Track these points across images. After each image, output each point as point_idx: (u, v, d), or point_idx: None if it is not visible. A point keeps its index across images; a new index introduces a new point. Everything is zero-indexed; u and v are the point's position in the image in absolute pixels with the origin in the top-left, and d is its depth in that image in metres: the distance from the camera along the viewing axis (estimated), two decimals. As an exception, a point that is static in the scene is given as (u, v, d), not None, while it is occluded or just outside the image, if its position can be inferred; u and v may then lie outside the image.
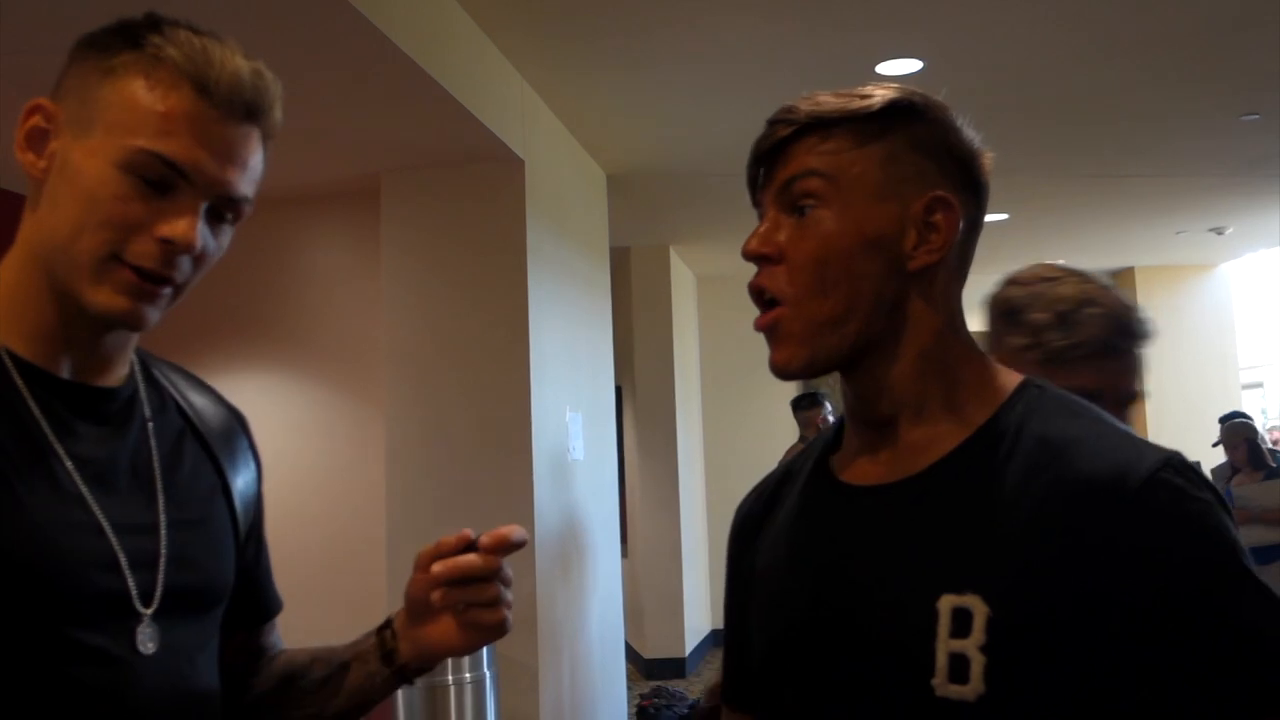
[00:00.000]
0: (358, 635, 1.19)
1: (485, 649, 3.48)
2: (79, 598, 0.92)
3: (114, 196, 0.93)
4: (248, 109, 0.97)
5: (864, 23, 3.83)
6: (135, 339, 1.05)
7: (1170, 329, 9.14)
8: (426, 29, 3.33)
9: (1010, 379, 0.98)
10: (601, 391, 5.41)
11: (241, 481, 1.14)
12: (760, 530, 1.09)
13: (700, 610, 8.06)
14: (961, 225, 0.96)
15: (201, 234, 0.96)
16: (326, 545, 4.49)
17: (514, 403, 4.16)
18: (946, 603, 0.86)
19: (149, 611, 0.97)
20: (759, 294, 0.97)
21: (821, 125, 0.95)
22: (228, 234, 1.01)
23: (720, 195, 6.24)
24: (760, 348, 0.98)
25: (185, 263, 0.96)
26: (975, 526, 0.89)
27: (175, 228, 0.94)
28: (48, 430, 0.95)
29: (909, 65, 4.09)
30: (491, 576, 1.02)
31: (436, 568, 1.02)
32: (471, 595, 1.02)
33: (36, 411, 0.95)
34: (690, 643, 7.50)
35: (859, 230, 0.94)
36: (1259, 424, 8.24)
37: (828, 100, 0.96)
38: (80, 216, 0.94)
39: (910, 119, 0.96)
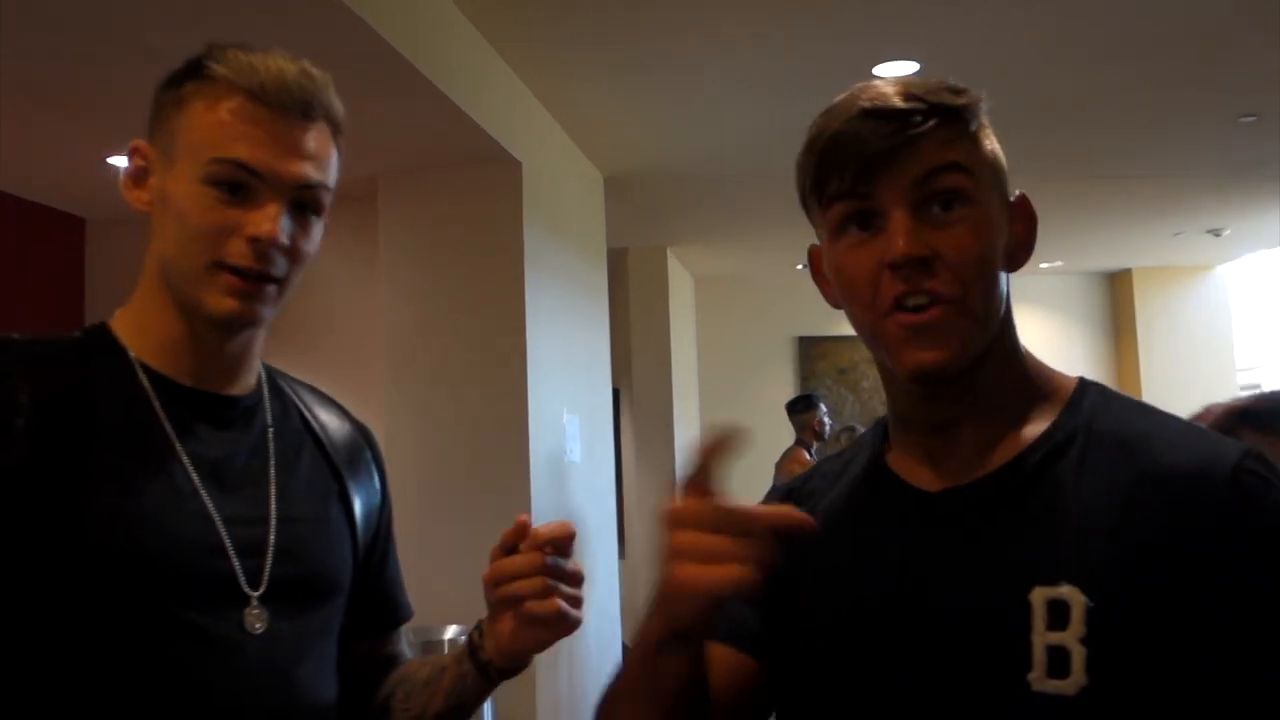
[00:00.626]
0: None
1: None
2: (187, 579, 1.02)
3: (202, 210, 1.04)
4: (300, 104, 1.07)
5: (860, 25, 3.83)
6: (258, 350, 1.17)
7: (1168, 330, 9.16)
8: (424, 32, 3.32)
9: (1065, 379, 0.99)
10: (599, 393, 5.41)
11: (364, 492, 1.23)
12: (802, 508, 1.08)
13: (698, 612, 8.05)
14: None
15: (285, 228, 1.05)
16: (324, 547, 4.47)
17: (511, 405, 4.16)
18: (1040, 595, 0.85)
19: (256, 594, 1.05)
20: (908, 296, 0.90)
21: (953, 116, 0.93)
22: (317, 228, 1.11)
23: (718, 197, 6.24)
24: (757, 349, 0.97)
25: (278, 257, 1.06)
26: (1061, 520, 0.88)
27: (260, 225, 1.03)
28: (170, 431, 1.07)
29: (906, 67, 4.09)
30: (533, 572, 1.05)
31: (489, 570, 1.07)
32: (516, 590, 1.05)
33: (161, 414, 1.07)
34: (688, 645, 7.48)
35: (997, 228, 0.94)
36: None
37: (944, 91, 0.94)
38: (180, 236, 1.05)
39: (983, 114, 0.96)
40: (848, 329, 1.00)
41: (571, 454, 4.76)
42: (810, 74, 4.14)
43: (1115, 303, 9.52)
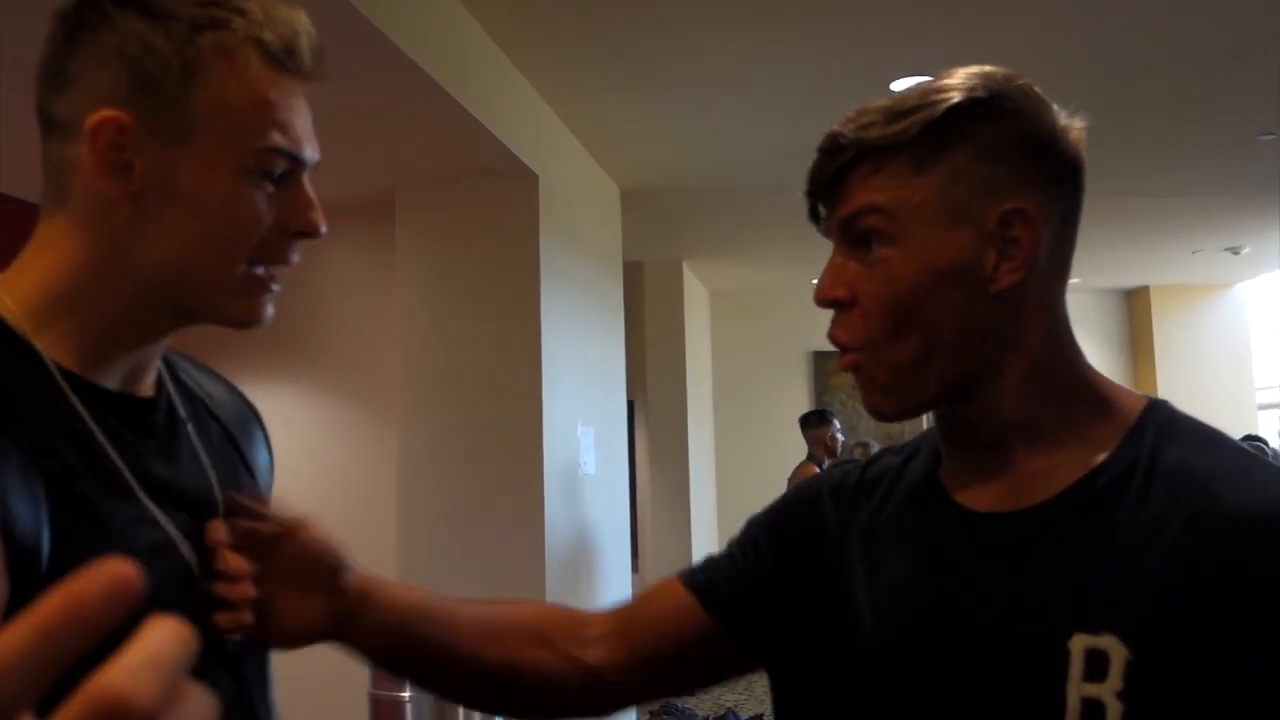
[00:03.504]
0: None
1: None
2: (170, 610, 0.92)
3: (247, 208, 0.87)
4: (310, 67, 0.91)
5: (876, 41, 3.83)
6: None
7: (1186, 349, 9.11)
8: (443, 45, 3.34)
9: (1132, 400, 0.91)
10: (614, 406, 5.41)
11: (261, 464, 1.14)
12: (853, 504, 1.01)
13: (711, 626, 8.03)
14: (1047, 227, 0.89)
15: None
16: (337, 557, 4.48)
17: (526, 417, 4.16)
18: (1080, 643, 0.79)
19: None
20: (838, 344, 0.90)
21: (873, 154, 0.87)
22: None
23: (734, 211, 6.25)
24: (771, 363, 0.96)
25: None
26: (1111, 561, 0.81)
27: (307, 220, 0.90)
28: (111, 450, 0.88)
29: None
30: None
31: None
32: None
33: (96, 430, 0.87)
34: (700, 659, 7.46)
35: (930, 266, 0.86)
36: (1276, 444, 8.17)
37: (877, 121, 0.87)
38: (207, 234, 0.87)
39: (974, 123, 0.86)
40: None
41: (586, 466, 4.76)
42: (826, 89, 4.15)
43: (1132, 320, 9.48)
